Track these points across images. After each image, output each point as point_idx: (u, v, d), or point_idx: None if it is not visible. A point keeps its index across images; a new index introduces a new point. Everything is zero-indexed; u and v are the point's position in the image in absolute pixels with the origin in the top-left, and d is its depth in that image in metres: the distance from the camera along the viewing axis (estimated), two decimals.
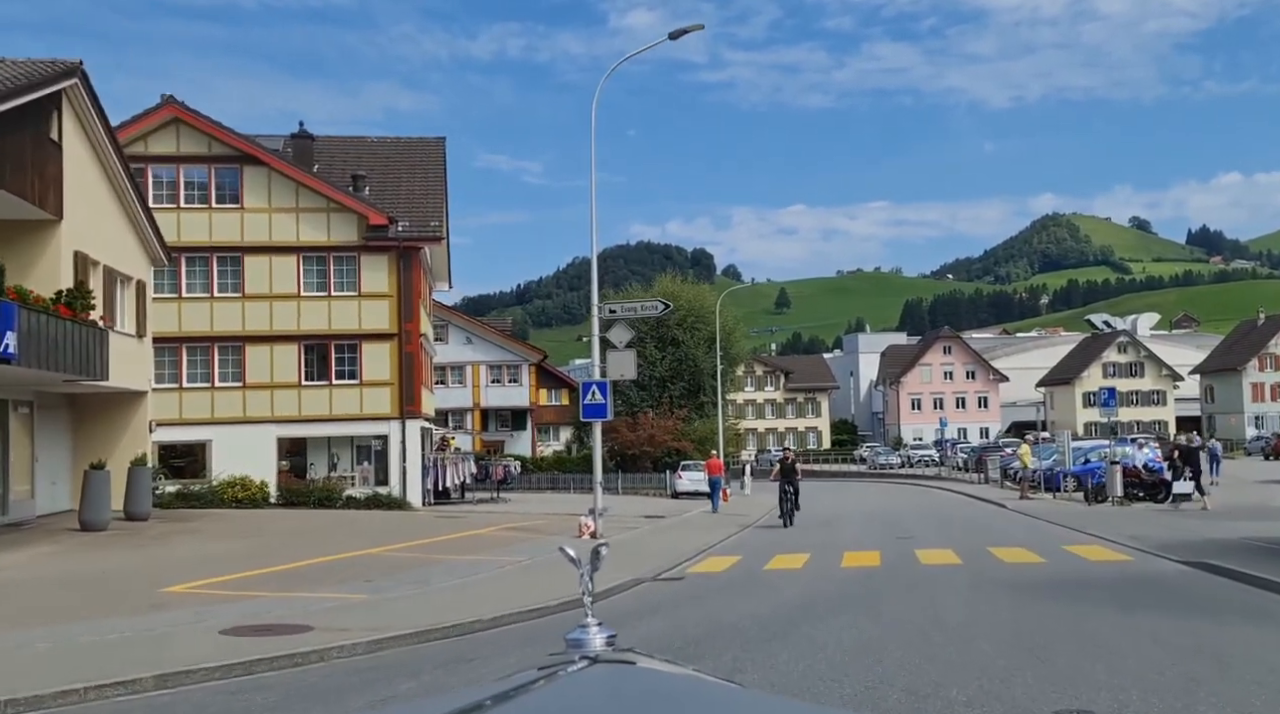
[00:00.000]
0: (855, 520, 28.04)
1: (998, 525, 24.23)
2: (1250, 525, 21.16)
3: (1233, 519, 23.04)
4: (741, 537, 23.89)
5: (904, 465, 72.60)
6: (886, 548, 18.60)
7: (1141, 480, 29.89)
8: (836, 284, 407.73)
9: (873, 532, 23.44)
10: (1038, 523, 24.14)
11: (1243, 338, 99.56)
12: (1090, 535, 19.44)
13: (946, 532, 22.50)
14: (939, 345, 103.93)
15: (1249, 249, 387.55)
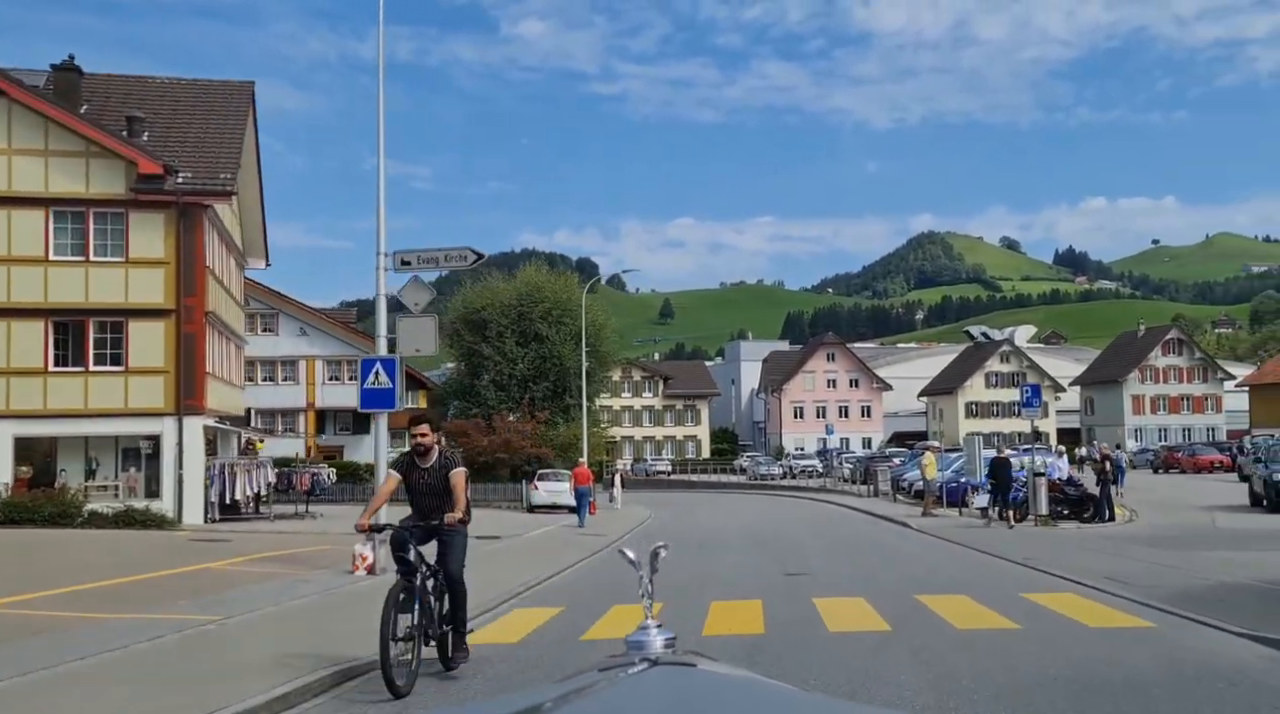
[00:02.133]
0: (735, 543, 22.73)
1: (912, 554, 19.15)
2: (1228, 557, 16.54)
3: (1188, 547, 18.48)
4: (587, 567, 18.31)
5: (786, 476, 68.19)
6: (772, 593, 13.23)
7: (1066, 495, 25.38)
8: (720, 296, 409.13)
9: (755, 562, 18.12)
10: (962, 551, 19.17)
11: (1123, 349, 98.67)
12: (1052, 575, 14.38)
13: (851, 564, 17.31)
14: (822, 352, 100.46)
15: (1112, 270, 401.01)
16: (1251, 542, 19.31)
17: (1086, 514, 24.99)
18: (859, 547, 20.84)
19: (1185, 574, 14.06)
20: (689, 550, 20.22)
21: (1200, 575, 13.80)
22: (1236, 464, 56.29)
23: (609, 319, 54.63)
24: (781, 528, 28.48)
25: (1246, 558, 16.18)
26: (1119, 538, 20.78)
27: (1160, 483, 49.25)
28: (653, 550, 2.27)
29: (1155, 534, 21.39)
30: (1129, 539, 20.41)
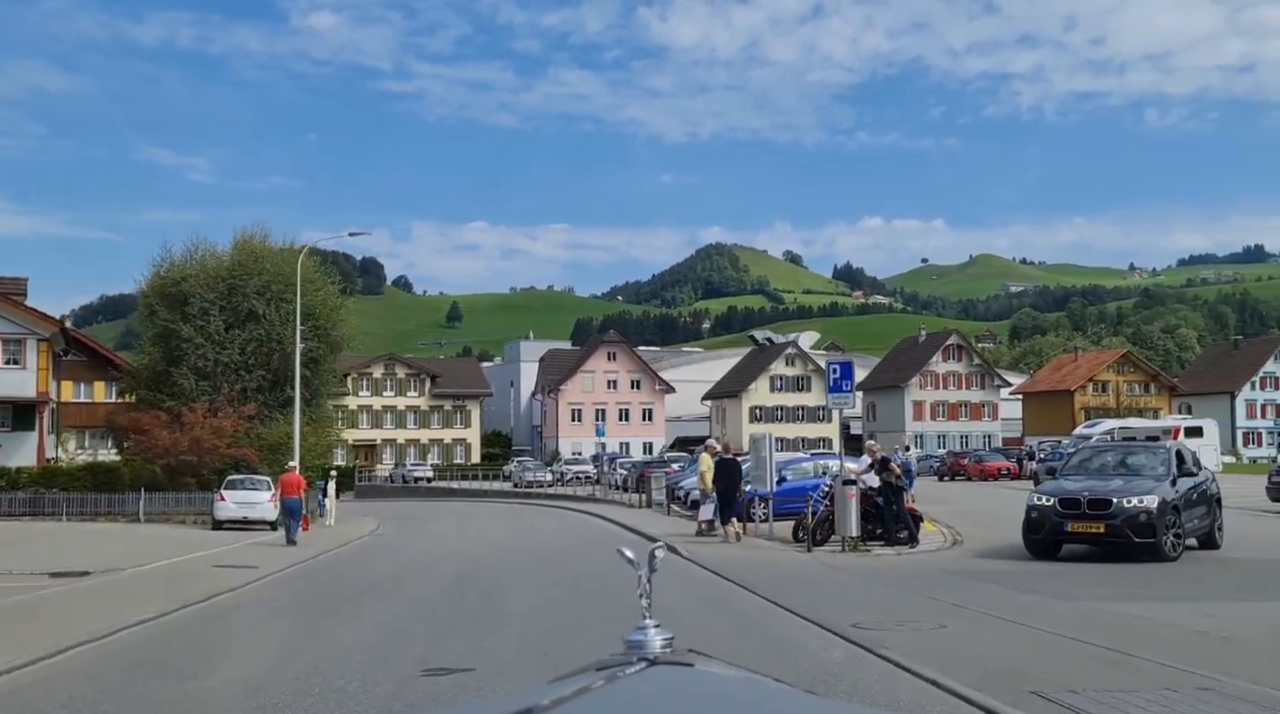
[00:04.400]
0: (424, 579, 15.47)
1: (670, 615, 12.36)
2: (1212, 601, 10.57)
3: (1062, 582, 12.52)
4: (145, 636, 10.62)
5: (556, 483, 61.44)
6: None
7: (879, 511, 19.37)
8: (510, 301, 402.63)
9: (412, 628, 10.88)
10: (753, 607, 12.51)
11: (904, 355, 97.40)
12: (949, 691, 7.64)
13: (564, 629, 10.32)
14: (603, 350, 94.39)
15: (885, 286, 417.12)
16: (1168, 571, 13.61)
17: (901, 534, 19.05)
18: (592, 592, 13.93)
19: None
20: (351, 596, 12.78)
21: None
22: (1025, 470, 53.64)
23: (344, 299, 46.08)
24: (508, 550, 21.46)
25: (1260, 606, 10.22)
26: (984, 574, 14.68)
27: (954, 491, 45.15)
28: (651, 551, 2.21)
29: (1026, 564, 15.50)
30: (1006, 575, 14.33)
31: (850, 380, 18.89)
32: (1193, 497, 16.76)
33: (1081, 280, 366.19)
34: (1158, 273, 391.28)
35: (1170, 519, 15.53)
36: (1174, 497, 15.88)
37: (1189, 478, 17.08)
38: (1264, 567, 15.73)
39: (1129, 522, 15.30)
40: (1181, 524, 15.87)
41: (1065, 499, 16.07)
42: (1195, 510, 16.76)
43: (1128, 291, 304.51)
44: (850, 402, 18.95)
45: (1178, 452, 17.98)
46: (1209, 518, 17.28)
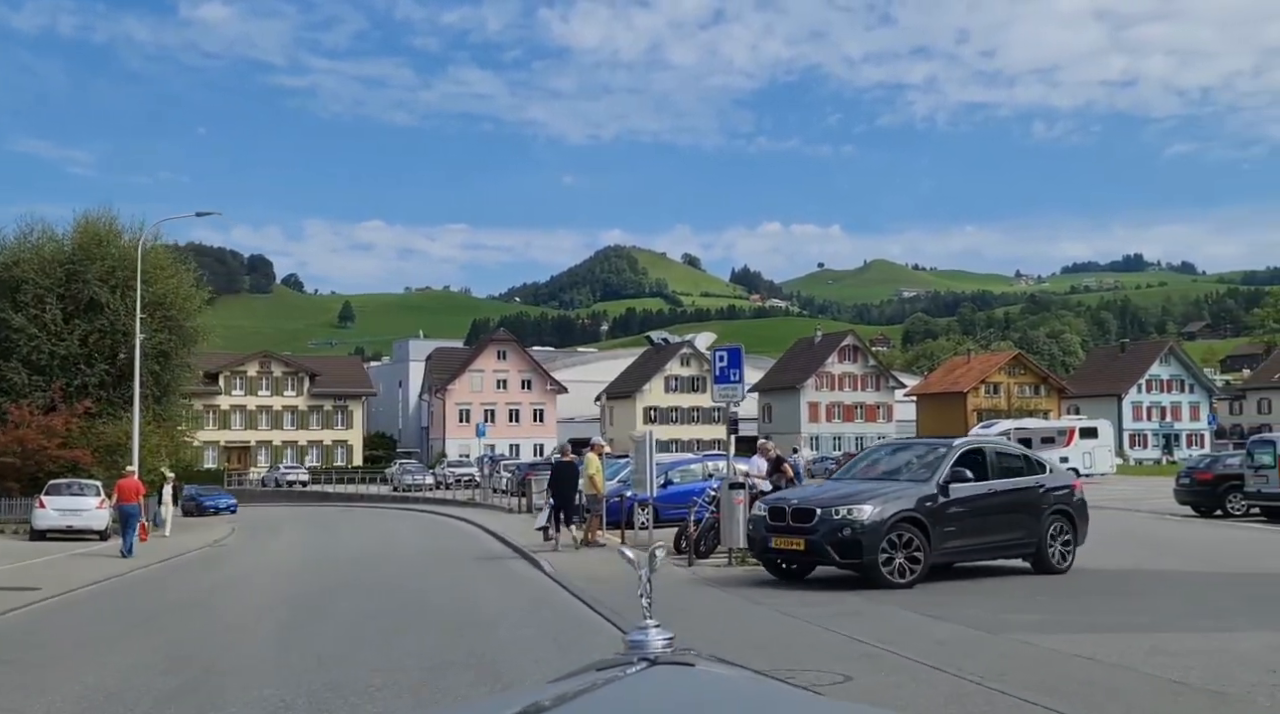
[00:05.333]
0: (226, 605, 12.65)
1: (500, 651, 9.83)
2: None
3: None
4: None
5: (439, 486, 58.32)
6: None
7: None
8: (405, 301, 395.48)
9: (151, 683, 8.16)
10: (603, 644, 10.09)
11: (800, 356, 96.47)
12: None
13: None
14: (493, 349, 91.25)
15: (783, 290, 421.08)
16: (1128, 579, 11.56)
17: None
18: (421, 626, 11.28)
19: None
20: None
21: None
22: None
23: (199, 286, 42.19)
24: (347, 568, 18.63)
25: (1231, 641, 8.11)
26: (892, 595, 12.45)
27: None
28: (651, 550, 2.25)
29: (937, 580, 13.34)
30: (914, 596, 12.09)
31: (739, 370, 16.62)
32: (989, 505, 13.37)
33: (971, 286, 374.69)
34: (1043, 280, 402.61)
35: (901, 535, 12.33)
36: (915, 507, 12.60)
37: (995, 480, 13.69)
38: (1194, 585, 13.87)
39: (830, 537, 12.40)
40: (931, 542, 12.53)
41: (774, 509, 13.35)
42: (994, 522, 13.39)
43: (1015, 297, 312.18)
44: (739, 394, 16.70)
45: (976, 450, 14.25)
46: (1038, 533, 13.70)
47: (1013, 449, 15.40)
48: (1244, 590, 12.30)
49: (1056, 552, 13.98)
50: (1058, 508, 14.16)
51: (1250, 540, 19.43)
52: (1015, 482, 13.99)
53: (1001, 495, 13.69)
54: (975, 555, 13.72)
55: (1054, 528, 14.00)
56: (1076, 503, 14.59)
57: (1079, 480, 15.59)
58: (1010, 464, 14.34)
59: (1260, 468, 23.96)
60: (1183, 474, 27.76)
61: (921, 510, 12.71)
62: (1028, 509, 13.88)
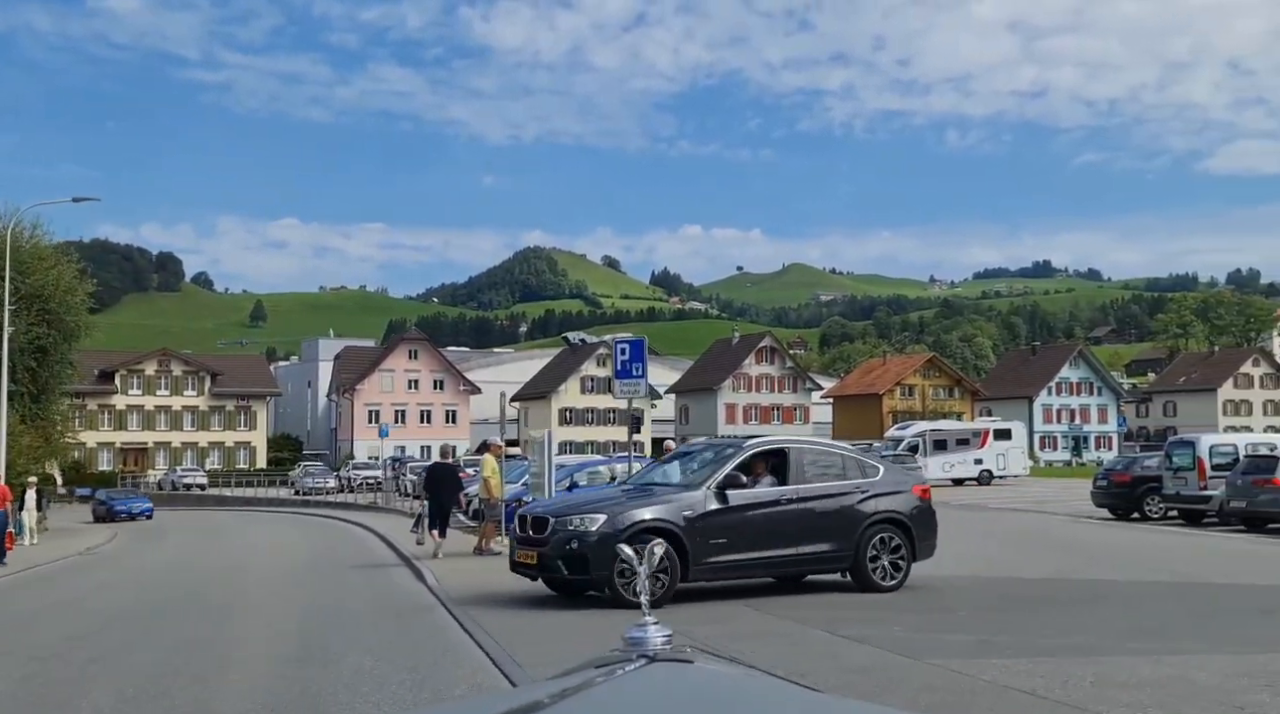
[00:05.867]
0: (49, 629, 10.90)
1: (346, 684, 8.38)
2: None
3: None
4: None
5: (343, 489, 56.11)
6: None
7: None
8: (319, 300, 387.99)
9: None
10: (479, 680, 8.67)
11: (718, 357, 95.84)
12: None
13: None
14: (404, 348, 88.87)
15: (702, 293, 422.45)
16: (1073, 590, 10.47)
17: None
18: (262, 660, 9.76)
19: None
20: None
21: None
22: None
23: (79, 278, 39.54)
24: (216, 579, 16.89)
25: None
26: (805, 604, 11.21)
27: None
28: (649, 547, 2.32)
29: (854, 592, 12.18)
30: (833, 609, 10.88)
31: (642, 363, 15.30)
32: (783, 513, 11.73)
33: (886, 291, 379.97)
34: (956, 285, 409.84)
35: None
36: (668, 517, 11.11)
37: (794, 485, 11.97)
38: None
39: (560, 550, 11.12)
40: (690, 557, 11.06)
41: (520, 518, 12.20)
42: (790, 532, 11.70)
43: (929, 302, 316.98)
44: (642, 389, 15.41)
45: (777, 451, 12.52)
46: (853, 545, 11.92)
47: (830, 450, 13.49)
48: (1182, 603, 11.36)
49: (882, 566, 12.12)
50: (886, 516, 12.20)
51: (1173, 545, 18.74)
52: (821, 487, 12.18)
53: (800, 502, 11.92)
54: (762, 570, 12.05)
55: (879, 539, 12.12)
56: (915, 511, 12.61)
57: (924, 485, 13.53)
58: (824, 467, 12.52)
59: (1179, 470, 23.46)
60: (1100, 476, 27.24)
61: (677, 520, 11.15)
62: (840, 518, 12.05)
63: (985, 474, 47.66)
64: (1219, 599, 11.64)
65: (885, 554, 12.19)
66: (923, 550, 12.62)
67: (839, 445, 14.60)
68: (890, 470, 13.34)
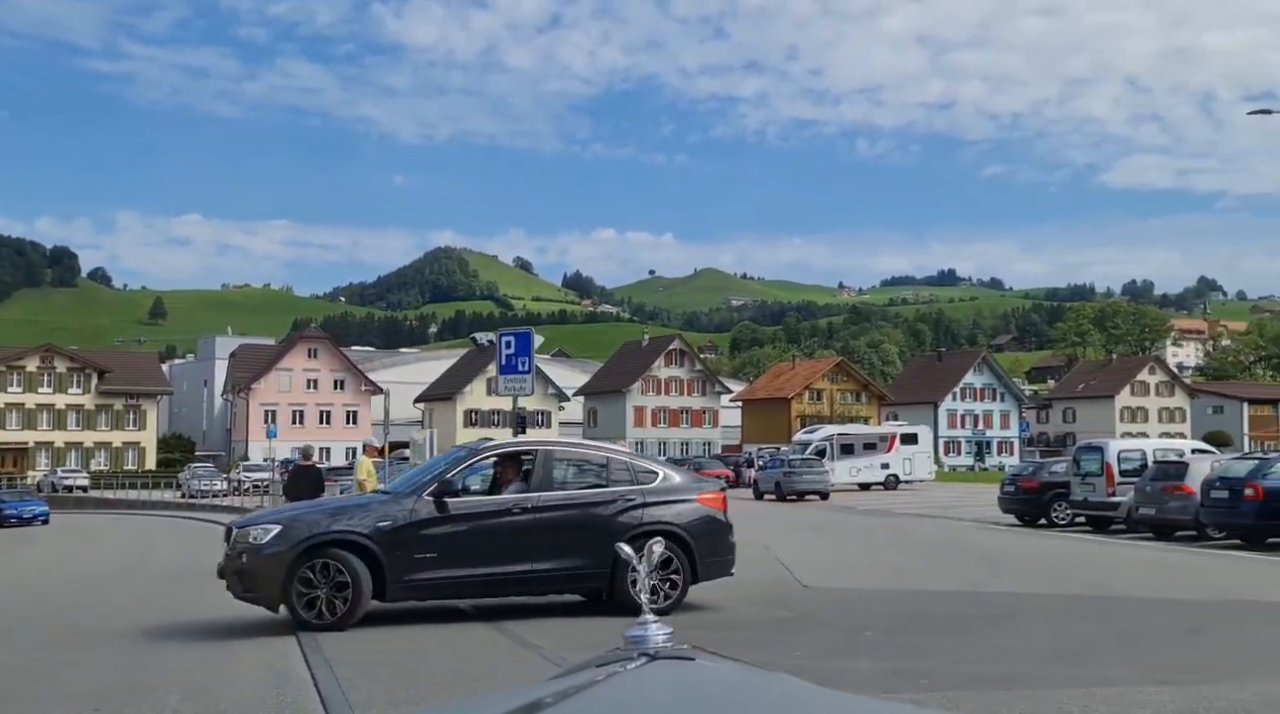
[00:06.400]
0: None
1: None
2: None
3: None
4: None
5: (234, 491, 53.73)
6: None
7: None
8: (222, 297, 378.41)
9: None
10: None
11: (627, 360, 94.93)
12: None
13: None
14: (303, 347, 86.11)
15: (614, 296, 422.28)
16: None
17: None
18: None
19: None
20: None
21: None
22: (744, 478, 51.38)
23: None
24: (41, 594, 15.22)
25: None
26: (712, 624, 10.13)
27: None
28: (648, 545, 2.25)
29: (761, 627, 11.13)
30: (740, 642, 9.76)
31: (528, 357, 14.06)
32: (515, 524, 10.33)
33: (796, 296, 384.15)
34: (864, 292, 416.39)
35: (328, 565, 9.75)
36: (358, 530, 9.94)
37: (537, 493, 10.50)
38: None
39: (234, 565, 10.11)
40: (387, 573, 9.88)
41: (227, 527, 11.16)
42: (527, 546, 10.30)
43: (838, 308, 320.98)
44: (528, 385, 14.18)
45: (521, 454, 11.16)
46: (608, 561, 10.18)
47: (591, 453, 11.72)
48: (1104, 621, 10.53)
49: (650, 587, 10.42)
50: (655, 529, 10.45)
51: (1083, 554, 18.16)
52: (569, 495, 10.68)
53: (539, 512, 10.41)
54: (483, 590, 10.54)
55: (635, 556, 10.48)
56: (697, 523, 10.87)
57: (715, 492, 11.60)
58: (579, 472, 11.06)
59: (1087, 476, 23.03)
60: (1007, 481, 26.78)
61: (370, 532, 9.91)
62: (593, 530, 10.40)
63: (892, 479, 47.46)
64: (1141, 616, 10.87)
65: (655, 574, 10.37)
66: (709, 568, 10.87)
67: (610, 447, 12.57)
68: (672, 476, 11.35)
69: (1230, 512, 18.42)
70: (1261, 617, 10.66)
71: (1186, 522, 19.76)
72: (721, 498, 11.47)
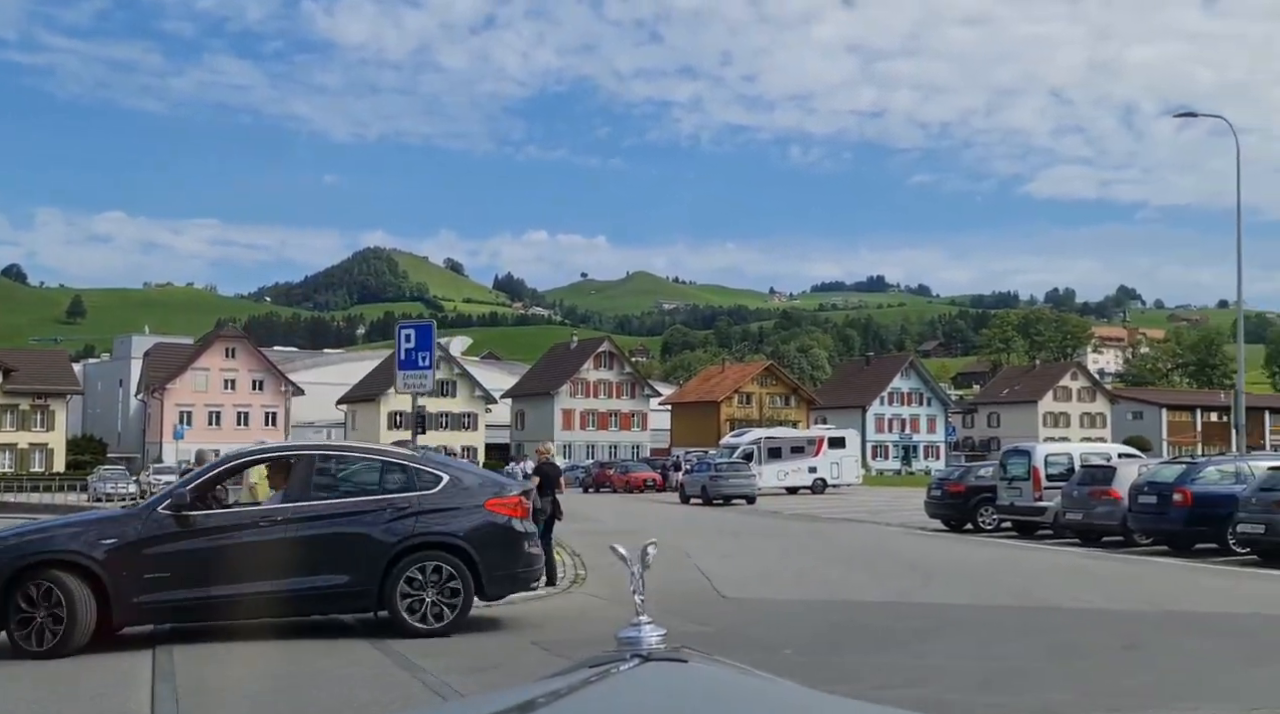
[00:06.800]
0: None
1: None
2: None
3: None
4: None
5: (143, 495, 51.61)
6: None
7: None
8: (144, 297, 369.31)
9: None
10: None
11: (556, 362, 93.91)
12: None
13: None
14: (220, 346, 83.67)
15: (546, 298, 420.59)
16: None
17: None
18: None
19: None
20: None
21: None
22: (671, 482, 50.73)
23: None
24: None
25: None
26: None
27: (597, 504, 40.71)
28: (643, 547, 2.24)
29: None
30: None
31: (429, 352, 13.09)
32: (263, 539, 9.38)
33: (728, 301, 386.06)
34: (795, 297, 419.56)
35: (39, 586, 8.84)
36: (86, 546, 9.07)
37: (298, 502, 9.60)
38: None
39: None
40: (110, 596, 8.99)
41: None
42: (278, 561, 9.30)
43: (768, 313, 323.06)
44: (428, 383, 13.24)
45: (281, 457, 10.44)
46: (375, 578, 9.45)
47: (365, 456, 10.68)
48: (1036, 636, 9.93)
49: (425, 604, 9.49)
50: (431, 540, 9.62)
51: (1011, 560, 17.71)
52: (329, 505, 9.66)
53: (295, 524, 9.44)
54: (241, 611, 9.52)
55: (422, 571, 9.52)
56: (482, 532, 9.85)
57: (508, 498, 10.27)
58: (348, 479, 10.10)
59: (1014, 480, 22.68)
60: (934, 485, 26.39)
61: (93, 551, 9.01)
62: (359, 543, 9.50)
63: (819, 482, 47.14)
64: (1074, 631, 10.29)
65: (431, 589, 9.53)
66: (497, 583, 9.94)
67: (392, 450, 11.44)
68: (461, 480, 10.21)
69: (1158, 517, 18.11)
70: (1198, 631, 10.15)
71: (1113, 527, 19.44)
72: (515, 503, 10.27)
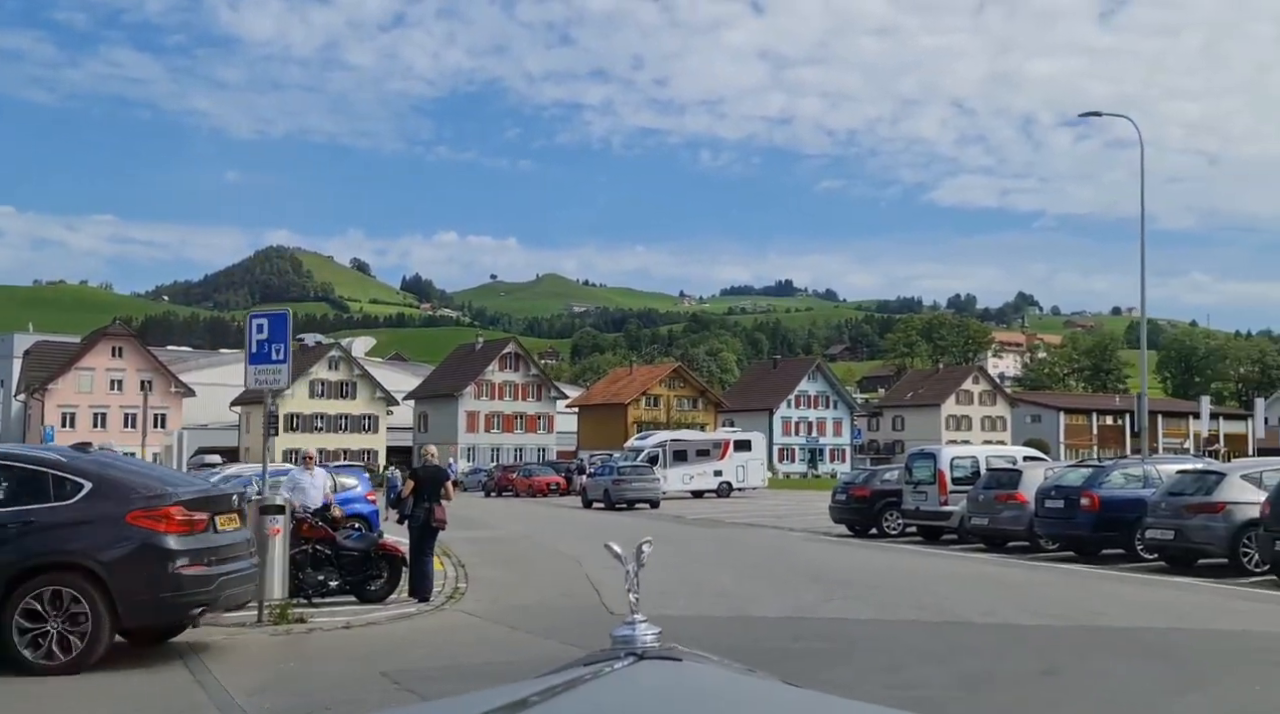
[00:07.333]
0: None
1: None
2: None
3: None
4: None
5: None
6: None
7: (336, 547, 12.61)
8: (33, 294, 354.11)
9: None
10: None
11: (460, 363, 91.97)
12: None
13: None
14: (106, 345, 79.96)
15: (454, 300, 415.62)
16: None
17: (373, 587, 12.49)
18: None
19: None
20: None
21: None
22: (575, 485, 49.58)
23: None
24: None
25: None
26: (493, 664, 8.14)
27: (493, 509, 39.42)
28: (638, 546, 2.23)
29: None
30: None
31: (284, 344, 11.79)
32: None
33: (638, 304, 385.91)
34: (704, 301, 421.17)
35: None
36: None
37: None
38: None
39: None
40: None
41: None
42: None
43: (678, 316, 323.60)
44: (283, 379, 11.92)
45: None
46: None
47: None
48: (948, 659, 9.09)
49: (51, 637, 8.16)
50: (52, 562, 8.38)
51: (916, 569, 17.03)
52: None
53: None
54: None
55: (39, 599, 8.19)
56: (117, 550, 8.43)
57: (157, 509, 8.66)
58: None
59: (919, 484, 22.12)
60: (839, 490, 25.74)
61: None
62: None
63: (725, 486, 46.47)
64: (988, 651, 9.50)
65: (58, 619, 8.15)
66: (137, 610, 8.49)
67: (34, 453, 9.47)
68: (102, 490, 8.64)
69: (1065, 522, 17.64)
70: (1117, 651, 9.42)
71: (1020, 532, 18.96)
72: (165, 514, 8.60)
